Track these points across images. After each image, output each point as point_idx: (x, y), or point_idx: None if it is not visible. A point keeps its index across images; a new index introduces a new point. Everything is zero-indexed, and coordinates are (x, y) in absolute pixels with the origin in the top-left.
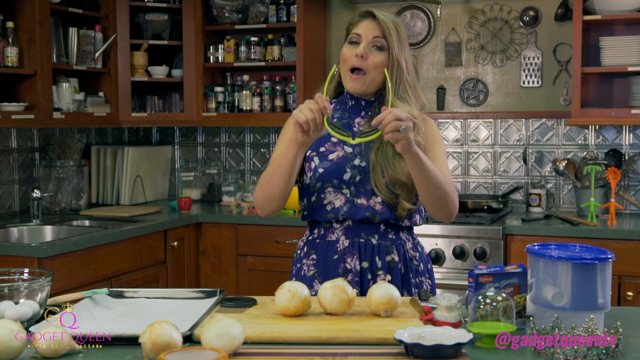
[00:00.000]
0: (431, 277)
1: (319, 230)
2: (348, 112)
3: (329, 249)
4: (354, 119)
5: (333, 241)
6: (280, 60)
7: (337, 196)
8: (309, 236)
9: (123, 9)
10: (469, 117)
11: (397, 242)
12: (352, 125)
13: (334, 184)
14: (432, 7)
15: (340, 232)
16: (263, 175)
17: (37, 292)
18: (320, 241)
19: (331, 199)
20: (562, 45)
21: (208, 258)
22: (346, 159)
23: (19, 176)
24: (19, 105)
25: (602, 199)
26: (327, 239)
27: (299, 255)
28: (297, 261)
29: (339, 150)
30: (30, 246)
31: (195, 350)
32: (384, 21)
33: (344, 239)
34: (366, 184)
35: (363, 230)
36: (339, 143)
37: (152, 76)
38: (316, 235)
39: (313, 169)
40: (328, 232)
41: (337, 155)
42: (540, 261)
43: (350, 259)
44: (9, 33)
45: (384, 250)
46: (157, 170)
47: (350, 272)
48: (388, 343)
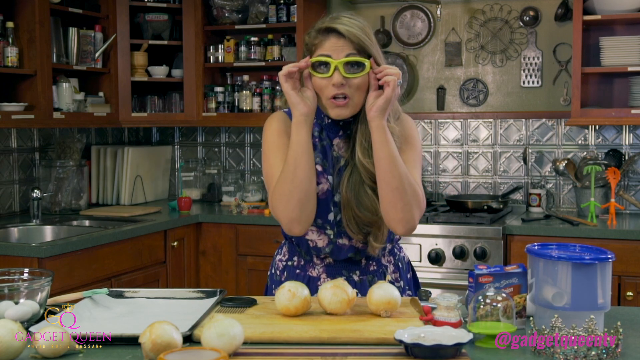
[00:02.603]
0: (411, 287)
1: (298, 259)
2: (325, 131)
3: (311, 284)
4: (332, 139)
5: (314, 277)
6: (280, 60)
7: (319, 236)
8: (288, 260)
9: (123, 9)
10: (469, 117)
11: (379, 272)
12: (330, 147)
13: (318, 223)
14: (432, 7)
15: (321, 269)
16: (279, 184)
17: (37, 292)
18: (300, 272)
19: (313, 237)
20: (562, 45)
21: (208, 258)
22: (330, 195)
23: (19, 176)
24: (19, 105)
25: (602, 199)
26: (308, 274)
27: (278, 277)
28: (277, 283)
29: (324, 182)
30: (30, 246)
31: (195, 350)
32: (352, 33)
33: (325, 276)
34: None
35: (344, 267)
36: (323, 173)
37: (152, 76)
38: (296, 264)
39: None
40: (309, 265)
41: (321, 189)
42: (540, 261)
43: None
44: (9, 33)
45: (366, 285)
46: (157, 170)
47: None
48: (388, 343)
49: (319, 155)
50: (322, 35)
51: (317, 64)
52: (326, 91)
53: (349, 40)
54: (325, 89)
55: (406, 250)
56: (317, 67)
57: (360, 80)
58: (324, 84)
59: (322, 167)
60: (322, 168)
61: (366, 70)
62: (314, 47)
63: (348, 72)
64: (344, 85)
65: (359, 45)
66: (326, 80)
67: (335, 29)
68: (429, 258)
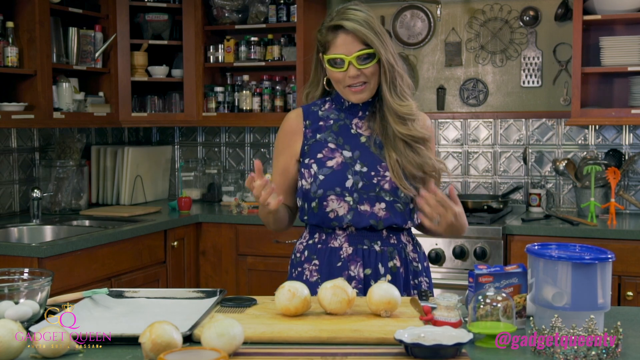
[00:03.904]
0: (428, 275)
1: (320, 235)
2: (344, 113)
3: (332, 255)
4: (352, 120)
5: (336, 248)
6: (280, 60)
7: (340, 204)
8: (309, 240)
9: (123, 9)
10: (469, 117)
11: (399, 247)
12: (349, 126)
13: (337, 191)
14: (432, 7)
15: (343, 238)
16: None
17: (37, 292)
18: (322, 247)
19: (334, 206)
20: (562, 45)
21: (208, 258)
22: (346, 165)
23: (19, 176)
24: (19, 105)
25: (602, 199)
26: (330, 245)
27: (299, 258)
28: (298, 265)
29: (338, 156)
30: (30, 246)
31: (195, 350)
32: (358, 30)
33: (347, 245)
34: (369, 190)
35: (366, 237)
36: (337, 149)
37: (152, 76)
38: (317, 240)
39: (313, 175)
40: (330, 238)
41: (336, 162)
42: (540, 261)
43: (354, 266)
44: (9, 33)
45: (386, 256)
46: (157, 170)
47: (354, 279)
48: (388, 343)
49: (332, 135)
50: (332, 33)
51: (332, 61)
52: (344, 82)
53: (357, 37)
54: (343, 80)
55: None
56: (334, 63)
57: (373, 68)
58: (340, 76)
59: (336, 144)
60: (335, 145)
61: (376, 60)
62: (327, 45)
63: (361, 64)
64: (359, 75)
65: (367, 40)
66: (343, 73)
67: (341, 25)
68: (429, 258)
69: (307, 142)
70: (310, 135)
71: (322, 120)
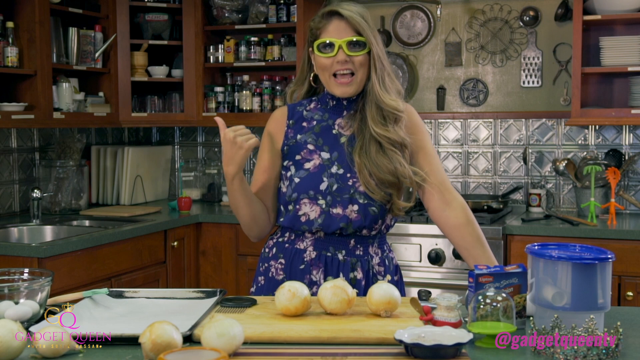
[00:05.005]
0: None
1: (289, 234)
2: (329, 113)
3: (297, 257)
4: (335, 120)
5: (301, 250)
6: (280, 60)
7: (312, 208)
8: (279, 237)
9: (123, 9)
10: (469, 117)
11: (363, 259)
12: (331, 127)
13: (310, 195)
14: (432, 7)
15: (309, 242)
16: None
17: (37, 292)
18: (289, 246)
19: (306, 210)
20: (562, 45)
21: (208, 258)
22: (323, 168)
23: (19, 176)
24: (19, 105)
25: (602, 199)
26: (296, 247)
27: (267, 254)
28: (265, 260)
29: (316, 158)
30: (30, 246)
31: (195, 350)
32: (353, 17)
33: (312, 250)
34: (343, 192)
35: (332, 244)
36: (316, 150)
37: (152, 76)
38: (286, 239)
39: (289, 178)
40: (298, 239)
41: (313, 164)
42: (540, 261)
43: (316, 271)
44: (9, 33)
45: (348, 266)
46: (157, 170)
47: (315, 284)
48: (388, 343)
49: (312, 136)
50: (326, 19)
51: (322, 46)
52: (331, 69)
53: (350, 23)
54: (331, 67)
55: (406, 250)
56: (323, 48)
57: (362, 58)
58: (328, 62)
59: (315, 145)
60: (314, 147)
61: (366, 50)
62: (318, 32)
63: (351, 51)
64: (347, 62)
65: (359, 29)
66: (331, 59)
67: (338, 12)
68: (429, 258)
69: (288, 142)
70: (291, 135)
71: (306, 121)
